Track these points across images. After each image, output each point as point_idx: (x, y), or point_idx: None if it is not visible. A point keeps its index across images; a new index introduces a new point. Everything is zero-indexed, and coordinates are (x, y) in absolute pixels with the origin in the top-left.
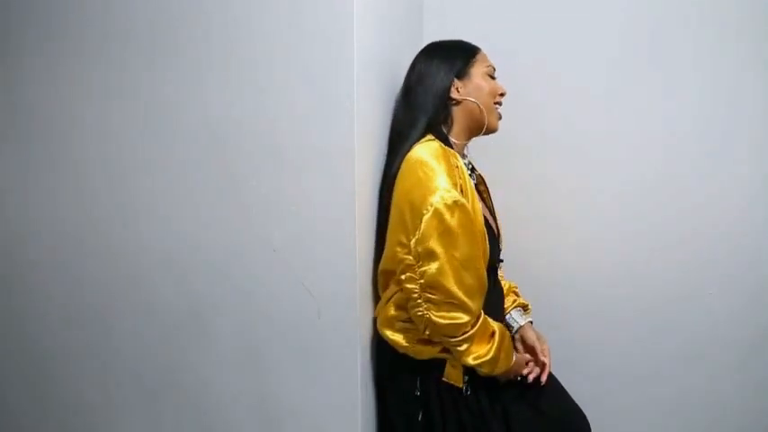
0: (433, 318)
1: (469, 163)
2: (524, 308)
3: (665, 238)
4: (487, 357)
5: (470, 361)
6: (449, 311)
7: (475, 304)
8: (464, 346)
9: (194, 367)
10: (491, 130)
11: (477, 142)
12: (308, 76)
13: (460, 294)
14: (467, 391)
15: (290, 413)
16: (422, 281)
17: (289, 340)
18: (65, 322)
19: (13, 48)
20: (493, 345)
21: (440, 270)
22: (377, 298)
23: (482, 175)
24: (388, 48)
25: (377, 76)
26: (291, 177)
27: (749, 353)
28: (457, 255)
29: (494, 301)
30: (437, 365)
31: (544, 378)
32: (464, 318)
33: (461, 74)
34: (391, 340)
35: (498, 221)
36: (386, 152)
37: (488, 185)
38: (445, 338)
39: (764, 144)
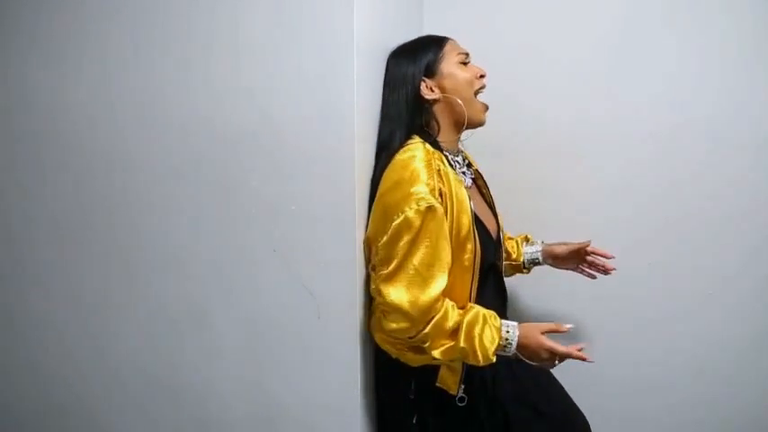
0: (382, 321)
1: (464, 159)
2: (526, 240)
3: (665, 238)
4: (455, 354)
5: (439, 356)
6: (393, 319)
7: (420, 314)
8: (426, 344)
9: (194, 367)
10: (477, 124)
11: (475, 142)
12: (308, 77)
13: (403, 303)
14: (461, 400)
15: (289, 413)
16: (375, 284)
17: (289, 340)
18: (64, 322)
19: (9, 47)
20: (458, 340)
21: (388, 275)
22: None
23: (480, 170)
24: (387, 47)
25: (377, 75)
26: (291, 177)
27: (749, 353)
28: (415, 262)
29: (493, 303)
30: (432, 370)
31: (610, 267)
32: (404, 324)
33: (431, 71)
34: (383, 346)
35: (499, 218)
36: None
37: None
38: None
39: (765, 144)
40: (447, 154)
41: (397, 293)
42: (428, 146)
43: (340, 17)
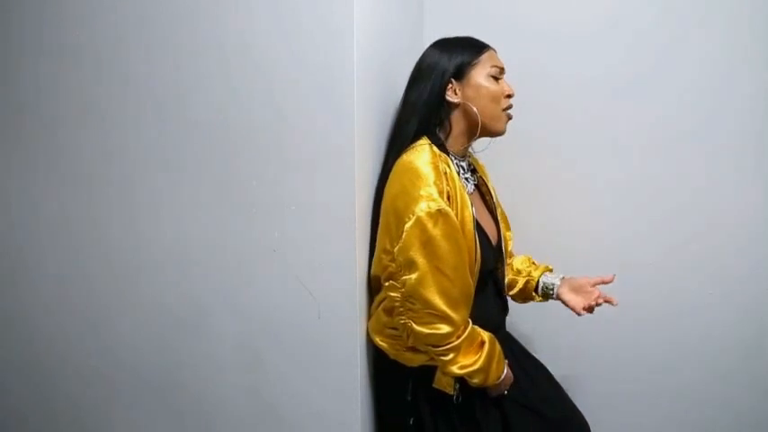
0: (415, 327)
1: (470, 165)
2: (549, 270)
3: (666, 238)
4: (476, 367)
5: (456, 370)
6: (430, 322)
7: (458, 315)
8: (450, 356)
9: (194, 367)
10: (497, 133)
11: (478, 141)
12: (309, 77)
13: (442, 305)
14: (458, 399)
15: (289, 413)
16: (403, 290)
17: (289, 340)
18: (65, 322)
19: (13, 48)
20: (482, 354)
21: (419, 280)
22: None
23: (485, 175)
24: (388, 48)
25: (377, 76)
26: (292, 177)
27: (749, 353)
28: (440, 264)
29: (493, 309)
30: (428, 371)
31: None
32: (445, 329)
33: (460, 75)
34: (380, 346)
35: (502, 223)
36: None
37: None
38: (430, 348)
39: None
40: (453, 158)
41: (434, 297)
42: (435, 148)
43: (340, 17)
